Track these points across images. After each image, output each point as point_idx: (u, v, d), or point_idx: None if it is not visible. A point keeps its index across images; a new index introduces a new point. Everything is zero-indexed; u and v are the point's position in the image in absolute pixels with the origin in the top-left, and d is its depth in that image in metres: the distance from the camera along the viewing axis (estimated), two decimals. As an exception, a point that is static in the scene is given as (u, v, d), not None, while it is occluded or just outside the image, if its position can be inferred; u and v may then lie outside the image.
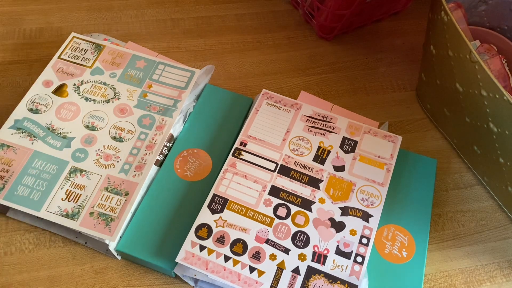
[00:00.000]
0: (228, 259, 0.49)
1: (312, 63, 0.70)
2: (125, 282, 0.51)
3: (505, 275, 0.54)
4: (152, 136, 0.57)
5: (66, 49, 0.63)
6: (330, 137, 0.58)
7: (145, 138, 0.56)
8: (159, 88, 0.60)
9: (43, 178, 0.53)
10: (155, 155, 0.55)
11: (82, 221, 0.51)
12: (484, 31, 0.68)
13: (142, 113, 0.58)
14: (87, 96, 0.59)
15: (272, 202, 0.53)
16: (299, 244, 0.51)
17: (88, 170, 0.54)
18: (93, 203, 0.52)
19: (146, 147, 0.56)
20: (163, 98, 0.60)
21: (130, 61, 0.62)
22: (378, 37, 0.74)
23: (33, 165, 0.54)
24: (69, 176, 0.53)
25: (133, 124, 0.57)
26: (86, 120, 0.57)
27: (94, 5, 0.74)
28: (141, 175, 0.54)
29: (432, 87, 0.62)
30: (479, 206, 0.59)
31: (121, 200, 0.52)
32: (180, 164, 0.56)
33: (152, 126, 0.57)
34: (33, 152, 0.54)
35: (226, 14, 0.75)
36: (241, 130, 0.58)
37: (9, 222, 0.54)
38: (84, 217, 0.51)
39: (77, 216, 0.51)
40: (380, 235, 0.53)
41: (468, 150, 0.61)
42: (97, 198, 0.52)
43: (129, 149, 0.56)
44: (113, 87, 0.60)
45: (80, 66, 0.61)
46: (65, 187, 0.53)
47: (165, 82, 0.61)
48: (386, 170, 0.56)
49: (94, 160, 0.55)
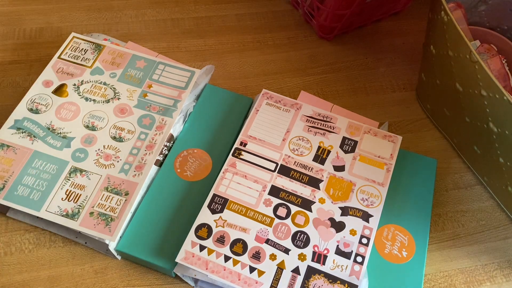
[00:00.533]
0: (228, 259, 0.49)
1: (312, 63, 0.70)
2: (125, 282, 0.51)
3: (505, 275, 0.54)
4: (152, 136, 0.57)
5: (66, 49, 0.63)
6: (330, 137, 0.58)
7: (145, 138, 0.56)
8: (159, 88, 0.60)
9: (43, 178, 0.53)
10: (155, 155, 0.55)
11: (82, 221, 0.51)
12: (484, 31, 0.68)
13: (142, 113, 0.58)
14: (87, 96, 0.59)
15: (272, 202, 0.53)
16: (299, 244, 0.51)
17: (88, 170, 0.54)
18: (93, 203, 0.52)
19: (146, 147, 0.56)
20: (163, 98, 0.60)
21: (130, 61, 0.62)
22: (378, 37, 0.74)
23: (33, 165, 0.54)
24: (69, 176, 0.53)
25: (133, 124, 0.57)
26: (86, 120, 0.57)
27: (94, 5, 0.74)
28: (141, 175, 0.54)
29: (432, 87, 0.62)
30: (479, 206, 0.59)
31: (121, 200, 0.52)
32: (180, 164, 0.56)
33: (152, 126, 0.57)
34: (33, 152, 0.54)
35: (226, 14, 0.75)
36: (241, 130, 0.58)
37: (9, 222, 0.54)
38: (84, 217, 0.51)
39: (77, 216, 0.51)
40: (380, 235, 0.53)
41: (468, 150, 0.61)
42: (97, 198, 0.52)
43: (129, 149, 0.56)
44: (113, 87, 0.60)
45: (80, 66, 0.61)
46: (65, 187, 0.53)
47: (165, 82, 0.61)
48: (386, 170, 0.56)
49: (94, 160, 0.55)
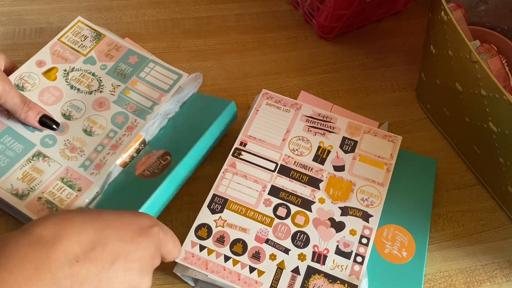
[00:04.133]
0: (228, 259, 0.49)
1: (312, 63, 0.70)
2: (125, 282, 0.51)
3: (505, 275, 0.54)
4: (120, 136, 0.56)
5: (68, 32, 0.62)
6: (330, 137, 0.58)
7: (113, 137, 0.56)
8: (142, 86, 0.59)
9: (6, 155, 0.53)
10: (117, 156, 0.54)
11: (27, 203, 0.50)
12: (484, 31, 0.68)
13: (118, 109, 0.57)
14: (73, 84, 0.58)
15: (272, 202, 0.53)
16: (299, 244, 0.51)
17: (52, 157, 0.54)
18: (45, 189, 0.51)
19: (111, 146, 0.55)
20: (143, 98, 0.59)
21: (124, 55, 0.61)
22: (378, 37, 0.74)
23: (1, 139, 0.54)
24: (32, 158, 0.53)
25: (106, 119, 0.57)
26: (65, 108, 0.57)
27: (94, 5, 0.74)
28: (98, 174, 0.53)
29: (432, 87, 0.62)
30: (479, 206, 0.59)
31: (72, 194, 0.52)
32: (141, 165, 0.55)
33: (124, 126, 0.56)
34: (6, 128, 0.54)
35: (226, 14, 0.75)
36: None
37: (9, 222, 0.54)
38: (31, 200, 0.50)
39: (26, 197, 0.51)
40: (380, 235, 0.53)
41: (468, 150, 0.61)
42: (50, 186, 0.52)
43: (95, 145, 0.55)
44: (99, 79, 0.59)
45: (76, 52, 0.61)
46: (24, 168, 0.52)
47: (150, 82, 0.60)
48: (386, 170, 0.56)
49: (60, 149, 0.54)
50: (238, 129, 0.60)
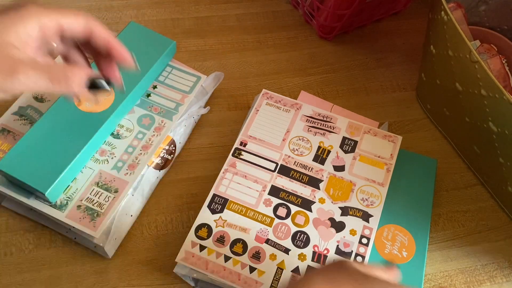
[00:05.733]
0: (228, 259, 0.49)
1: (312, 63, 0.70)
2: (125, 282, 0.51)
3: (505, 275, 0.54)
4: (150, 136, 0.56)
5: None
6: (330, 137, 0.58)
7: (142, 138, 0.56)
8: (164, 89, 0.60)
9: None
10: (149, 155, 0.55)
11: (68, 213, 0.50)
12: (484, 31, 0.68)
13: (143, 112, 0.58)
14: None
15: (272, 202, 0.53)
16: (299, 244, 0.51)
17: None
18: (82, 197, 0.52)
19: (142, 147, 0.56)
20: (166, 100, 0.59)
21: None
22: (378, 37, 0.74)
23: None
24: None
25: (132, 122, 0.57)
26: None
27: (94, 5, 0.74)
28: (132, 174, 0.54)
29: (432, 87, 0.62)
30: (479, 206, 0.59)
31: (110, 197, 0.52)
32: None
33: (151, 127, 0.57)
34: None
35: (226, 14, 0.75)
36: (243, 128, 0.58)
37: (9, 222, 0.54)
38: (71, 210, 0.51)
39: (65, 208, 0.51)
40: (380, 235, 0.53)
41: (468, 150, 0.61)
42: (86, 192, 0.52)
43: (125, 147, 0.55)
44: None
45: None
46: None
47: (170, 85, 0.61)
48: (386, 170, 0.56)
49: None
50: (238, 129, 0.60)
